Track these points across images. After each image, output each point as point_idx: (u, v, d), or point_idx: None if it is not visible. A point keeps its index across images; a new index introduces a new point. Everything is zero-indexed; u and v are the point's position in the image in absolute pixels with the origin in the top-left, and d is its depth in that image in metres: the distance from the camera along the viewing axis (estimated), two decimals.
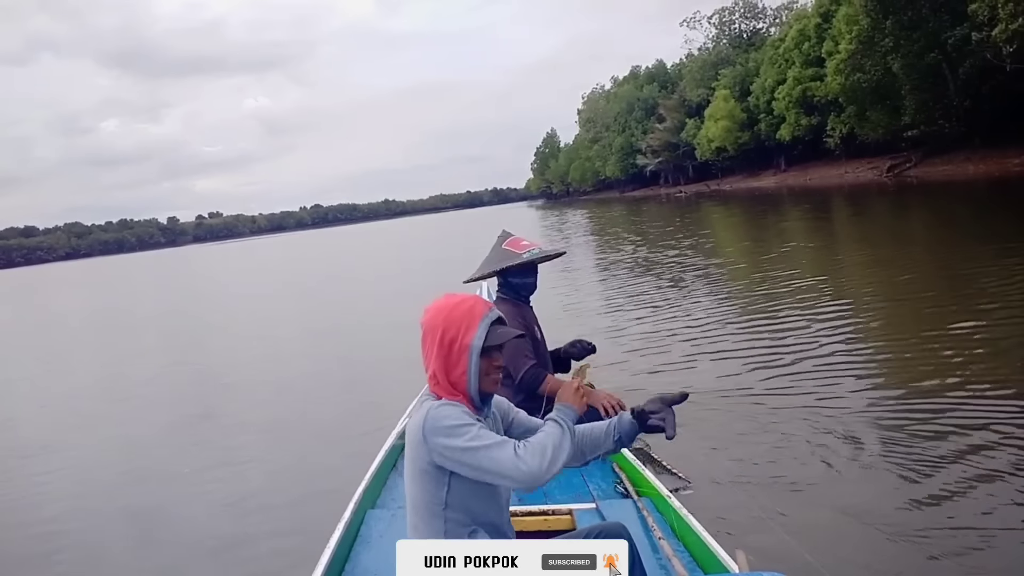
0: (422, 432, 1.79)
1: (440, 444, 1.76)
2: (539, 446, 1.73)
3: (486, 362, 1.84)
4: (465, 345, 1.82)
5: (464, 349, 1.82)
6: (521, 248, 3.78)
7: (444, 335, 1.83)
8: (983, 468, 3.43)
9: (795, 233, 18.05)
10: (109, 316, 21.12)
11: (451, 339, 1.82)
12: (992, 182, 23.87)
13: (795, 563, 2.73)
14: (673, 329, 7.68)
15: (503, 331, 1.87)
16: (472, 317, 1.83)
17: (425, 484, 1.81)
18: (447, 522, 1.79)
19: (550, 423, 1.82)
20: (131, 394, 8.56)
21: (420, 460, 1.80)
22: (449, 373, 1.84)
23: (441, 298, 1.93)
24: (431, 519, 1.81)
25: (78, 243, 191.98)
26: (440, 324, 1.84)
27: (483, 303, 1.88)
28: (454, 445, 1.74)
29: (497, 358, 1.87)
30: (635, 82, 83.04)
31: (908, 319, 6.92)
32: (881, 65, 32.68)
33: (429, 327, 1.87)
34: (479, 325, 1.83)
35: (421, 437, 1.80)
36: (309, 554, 2.50)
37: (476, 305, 1.86)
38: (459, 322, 1.83)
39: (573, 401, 1.86)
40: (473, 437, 1.74)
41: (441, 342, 1.83)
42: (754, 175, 55.69)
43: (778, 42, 49.90)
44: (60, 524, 4.51)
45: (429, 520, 1.81)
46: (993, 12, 24.11)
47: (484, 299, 1.91)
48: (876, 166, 37.76)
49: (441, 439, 1.76)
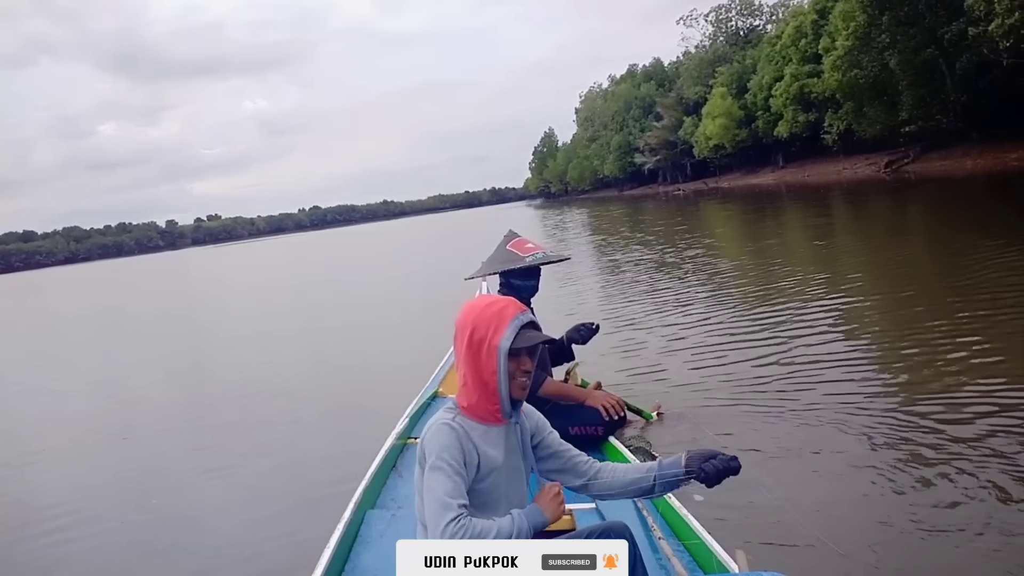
0: (422, 443, 1.83)
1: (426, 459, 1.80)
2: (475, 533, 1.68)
3: (514, 364, 1.83)
4: (494, 346, 1.81)
5: (493, 350, 1.81)
6: (525, 251, 3.78)
7: (474, 334, 1.83)
8: (990, 466, 3.41)
9: (794, 230, 18.07)
10: (107, 321, 21.10)
11: (480, 339, 1.82)
12: (990, 177, 23.89)
13: (795, 563, 2.73)
14: (673, 326, 7.67)
15: (533, 335, 1.86)
16: (502, 318, 1.83)
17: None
18: None
19: (508, 520, 1.76)
20: (130, 396, 8.54)
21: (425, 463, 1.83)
22: (479, 374, 1.83)
23: (476, 298, 1.95)
24: None
25: (77, 247, 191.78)
26: (470, 323, 1.85)
27: (516, 305, 1.88)
28: (427, 469, 1.77)
29: (526, 362, 1.87)
30: (632, 81, 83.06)
31: (907, 315, 6.91)
32: (878, 61, 32.70)
33: (460, 326, 1.87)
34: (508, 326, 1.82)
35: (421, 447, 1.83)
36: (309, 554, 2.51)
37: (508, 306, 1.86)
38: (489, 322, 1.83)
39: (547, 508, 1.83)
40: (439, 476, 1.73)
41: (471, 341, 1.83)
42: (752, 172, 55.71)
43: (775, 39, 49.88)
44: (58, 524, 4.50)
45: None
46: (990, 7, 24.11)
47: (517, 301, 1.91)
48: (874, 162, 37.76)
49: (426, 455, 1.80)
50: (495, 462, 1.84)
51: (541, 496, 1.85)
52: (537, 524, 1.79)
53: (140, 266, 77.94)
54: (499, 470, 1.86)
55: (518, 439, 1.93)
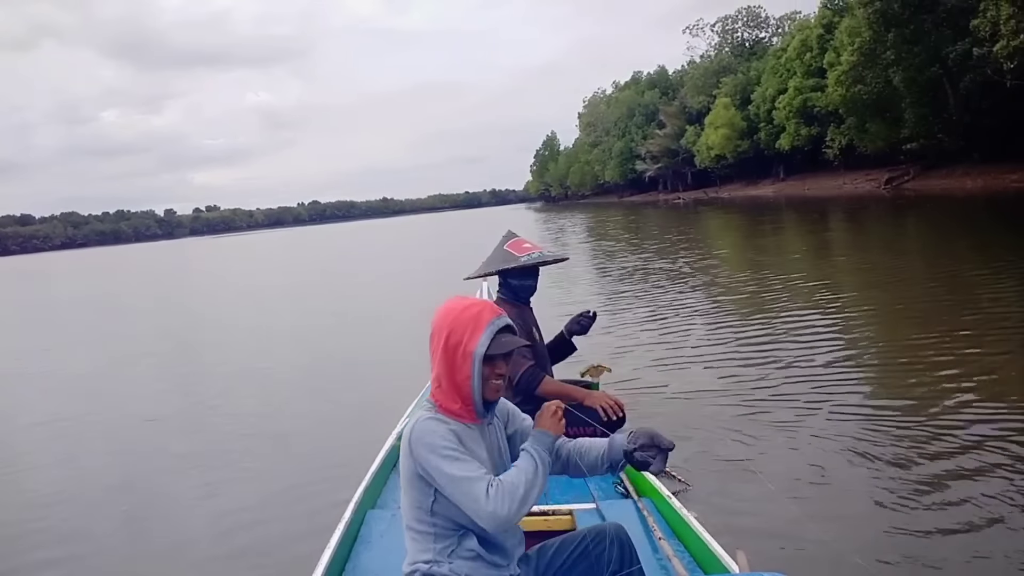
0: (409, 443, 1.81)
1: (424, 458, 1.77)
2: (510, 487, 1.72)
3: (488, 369, 1.82)
4: (469, 351, 1.80)
5: (468, 355, 1.80)
6: (522, 251, 3.77)
7: (450, 338, 1.82)
8: (986, 472, 3.45)
9: (793, 242, 18.11)
10: (103, 309, 21.03)
11: (456, 343, 1.81)
12: (990, 197, 24.01)
13: (795, 563, 2.74)
14: (673, 332, 7.70)
15: (508, 340, 1.85)
16: (478, 323, 1.81)
17: (413, 491, 1.82)
18: (435, 526, 1.81)
19: (524, 456, 1.80)
20: (126, 398, 8.41)
21: (408, 468, 1.82)
22: (453, 376, 1.82)
23: (452, 299, 1.90)
24: (419, 522, 1.83)
25: (74, 233, 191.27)
26: (447, 326, 1.83)
27: (492, 309, 1.86)
28: (436, 467, 1.75)
29: (500, 366, 1.86)
30: (636, 87, 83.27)
31: (904, 326, 6.99)
32: (882, 78, 32.85)
33: (436, 328, 1.85)
34: (484, 331, 1.81)
35: (408, 448, 1.81)
36: (309, 554, 2.50)
37: (484, 311, 1.84)
38: (465, 326, 1.81)
39: (550, 426, 1.84)
40: (452, 464, 1.73)
41: (446, 345, 1.82)
42: (753, 183, 55.86)
43: (780, 52, 50.14)
44: (55, 524, 4.46)
45: (419, 522, 1.83)
46: (995, 28, 24.25)
47: (493, 304, 1.89)
48: (874, 178, 37.93)
49: (424, 453, 1.77)
50: (479, 458, 1.83)
51: (541, 417, 1.87)
52: (547, 445, 1.82)
53: (137, 255, 77.64)
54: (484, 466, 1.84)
55: (496, 437, 1.94)
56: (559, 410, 1.88)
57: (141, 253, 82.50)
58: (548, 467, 1.81)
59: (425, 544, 1.81)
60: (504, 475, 1.76)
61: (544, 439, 1.83)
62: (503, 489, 1.71)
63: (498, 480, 1.73)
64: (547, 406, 1.89)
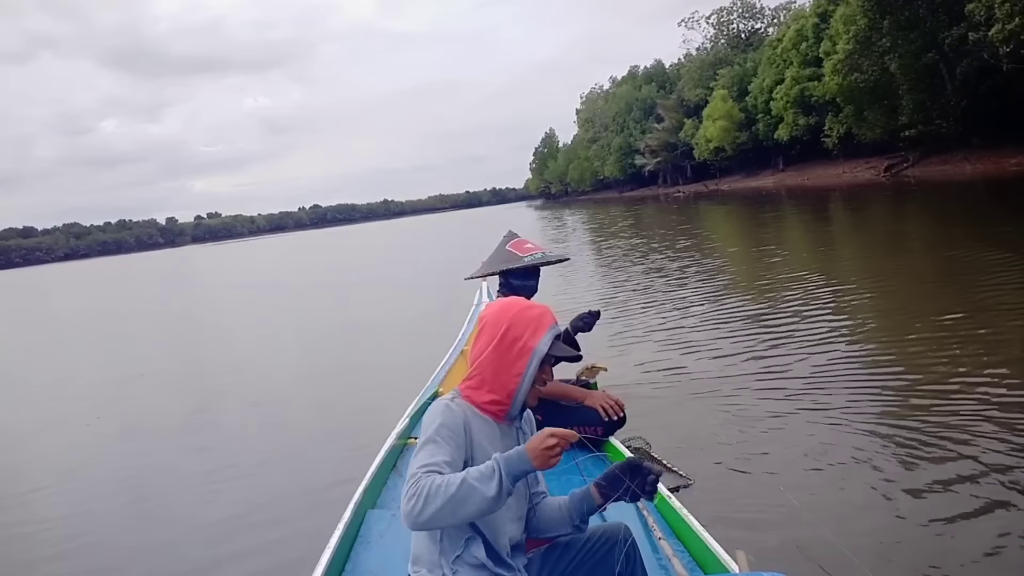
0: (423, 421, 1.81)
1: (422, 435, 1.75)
2: (429, 488, 1.56)
3: (538, 371, 1.83)
4: (528, 347, 1.81)
5: (527, 351, 1.81)
6: (524, 251, 3.77)
7: (509, 332, 1.82)
8: (991, 472, 3.42)
9: (793, 232, 18.07)
10: (106, 317, 21.07)
11: (515, 337, 1.81)
12: (989, 182, 23.91)
13: (795, 563, 2.74)
14: (672, 327, 7.68)
15: (564, 347, 1.87)
16: (541, 323, 1.84)
17: None
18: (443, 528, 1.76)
19: (483, 467, 1.61)
20: (128, 396, 8.52)
21: None
22: (502, 371, 1.81)
23: (507, 299, 1.95)
24: None
25: (76, 244, 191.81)
26: (506, 320, 1.84)
27: (552, 314, 1.89)
28: (417, 446, 1.71)
29: (548, 371, 1.87)
30: (633, 82, 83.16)
31: (906, 316, 6.93)
32: (878, 65, 32.74)
33: (492, 321, 1.85)
34: (547, 332, 1.83)
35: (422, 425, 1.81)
36: (309, 554, 2.51)
37: (546, 314, 1.88)
38: (527, 324, 1.83)
39: (536, 458, 1.60)
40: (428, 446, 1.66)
41: (503, 338, 1.82)
42: (752, 175, 55.75)
43: (776, 42, 49.96)
44: (54, 523, 4.51)
45: None
46: (990, 12, 24.15)
47: (551, 311, 1.92)
48: (874, 166, 37.83)
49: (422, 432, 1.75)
50: (486, 455, 1.74)
51: (533, 441, 1.62)
52: (518, 472, 1.60)
53: (140, 264, 77.79)
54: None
55: (515, 443, 1.88)
56: (555, 446, 1.61)
57: (145, 262, 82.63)
58: (502, 492, 1.59)
59: (431, 546, 1.75)
60: (441, 477, 1.60)
61: (519, 465, 1.61)
62: (420, 486, 1.57)
63: (431, 477, 1.59)
64: (549, 434, 1.63)
